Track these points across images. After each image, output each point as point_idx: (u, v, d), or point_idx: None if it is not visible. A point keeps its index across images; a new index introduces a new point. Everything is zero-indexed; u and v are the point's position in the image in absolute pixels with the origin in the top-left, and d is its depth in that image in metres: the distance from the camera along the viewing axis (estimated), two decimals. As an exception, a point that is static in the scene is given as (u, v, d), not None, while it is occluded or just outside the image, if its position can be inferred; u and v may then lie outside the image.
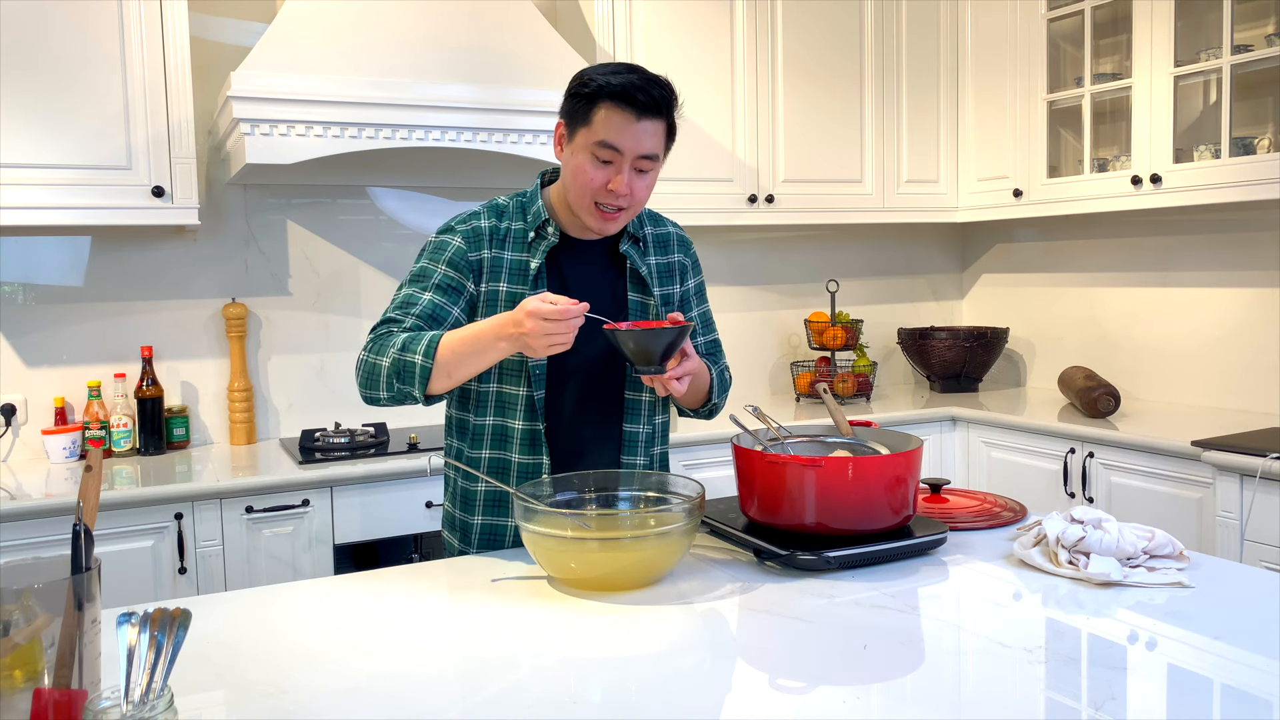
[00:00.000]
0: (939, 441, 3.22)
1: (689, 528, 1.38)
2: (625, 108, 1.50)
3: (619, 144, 1.51)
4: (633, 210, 1.59)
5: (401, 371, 1.47)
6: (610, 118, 1.51)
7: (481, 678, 1.11)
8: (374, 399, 1.54)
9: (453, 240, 1.61)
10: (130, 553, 2.26)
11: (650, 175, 1.57)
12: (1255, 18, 2.86)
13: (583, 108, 1.53)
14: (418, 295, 1.57)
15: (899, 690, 1.04)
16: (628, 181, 1.53)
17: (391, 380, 1.48)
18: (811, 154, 3.30)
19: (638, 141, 1.52)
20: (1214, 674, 1.07)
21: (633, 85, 1.50)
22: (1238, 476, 2.37)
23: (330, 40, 2.45)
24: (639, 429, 1.69)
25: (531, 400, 1.61)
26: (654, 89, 1.51)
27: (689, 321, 1.49)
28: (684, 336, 1.47)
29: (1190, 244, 3.14)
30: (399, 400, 1.51)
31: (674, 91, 1.56)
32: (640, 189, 1.57)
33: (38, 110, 2.35)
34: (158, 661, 0.84)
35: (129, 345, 2.77)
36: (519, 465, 1.63)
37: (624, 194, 1.54)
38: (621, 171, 1.53)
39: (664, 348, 1.45)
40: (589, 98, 1.52)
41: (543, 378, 1.60)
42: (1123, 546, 1.39)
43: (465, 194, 3.15)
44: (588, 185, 1.54)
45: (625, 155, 1.52)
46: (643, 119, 1.51)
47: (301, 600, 1.38)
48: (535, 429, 1.61)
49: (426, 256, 1.61)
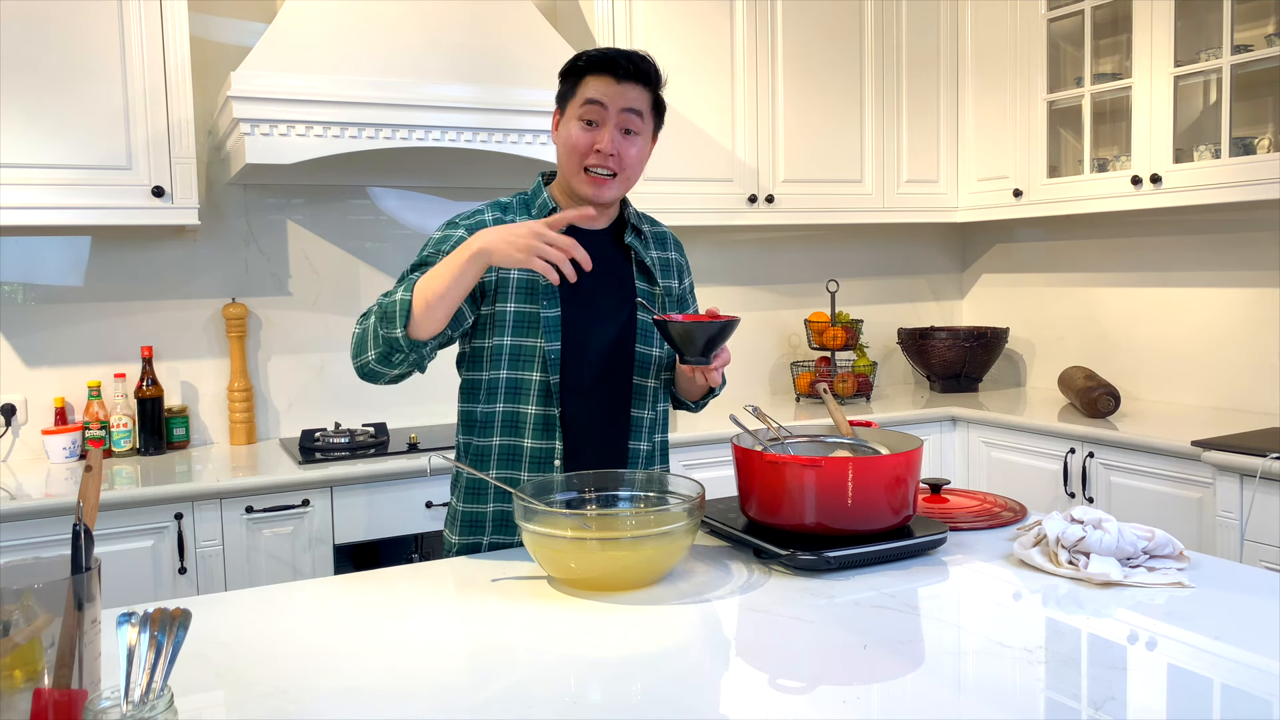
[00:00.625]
0: (939, 441, 3.22)
1: (689, 528, 1.38)
2: (606, 74, 1.60)
3: (601, 98, 1.59)
4: (624, 178, 1.64)
5: (384, 317, 1.48)
6: (593, 83, 1.61)
7: (482, 677, 1.11)
8: (364, 365, 1.54)
9: (456, 233, 1.63)
10: (130, 553, 2.26)
11: (638, 142, 1.64)
12: (1255, 18, 2.86)
13: (571, 83, 1.64)
14: (413, 278, 1.57)
15: (899, 690, 1.04)
16: (613, 140, 1.60)
17: (378, 333, 1.49)
18: (811, 154, 3.30)
19: (619, 97, 1.60)
20: (1214, 674, 1.07)
21: (614, 53, 1.61)
22: (1238, 476, 2.37)
23: (330, 40, 2.45)
24: (645, 414, 1.73)
25: (547, 385, 1.63)
26: (635, 58, 1.61)
27: (736, 317, 1.56)
28: (731, 330, 1.55)
29: (1190, 244, 3.14)
30: (386, 356, 1.50)
31: (656, 65, 1.65)
32: (628, 153, 1.62)
33: (38, 110, 2.35)
34: (158, 661, 0.84)
35: (129, 345, 2.77)
36: (531, 450, 1.64)
37: (610, 152, 1.59)
38: (606, 129, 1.60)
39: (714, 339, 1.54)
40: (577, 72, 1.62)
41: (557, 363, 1.62)
42: (1123, 546, 1.39)
43: (465, 194, 3.15)
44: (575, 148, 1.61)
45: (609, 109, 1.59)
46: (624, 82, 1.60)
47: (301, 600, 1.38)
48: (550, 414, 1.64)
49: (430, 246, 1.63)
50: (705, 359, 1.55)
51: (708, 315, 1.58)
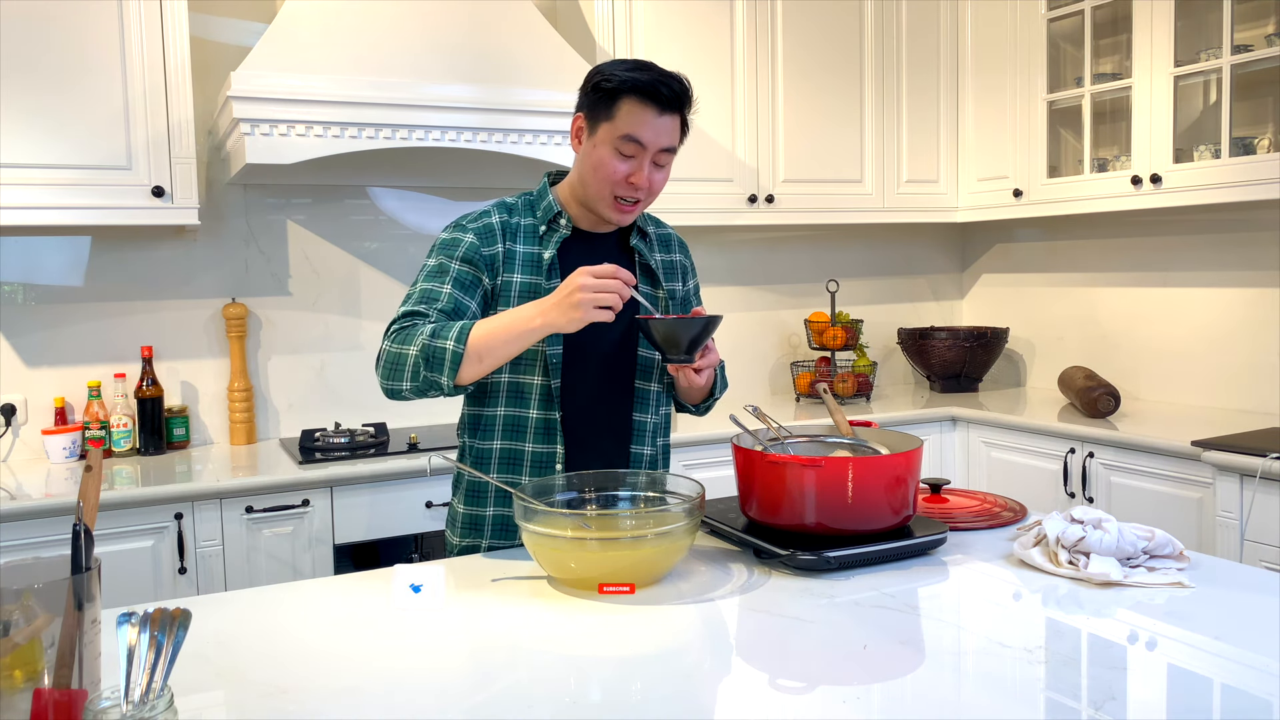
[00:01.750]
0: (939, 441, 3.22)
1: (689, 528, 1.38)
2: (649, 103, 1.55)
3: (642, 137, 1.56)
4: (647, 202, 1.65)
5: (431, 358, 1.46)
6: (634, 112, 1.55)
7: (482, 677, 1.11)
8: (396, 390, 1.52)
9: (465, 237, 1.62)
10: (130, 553, 2.26)
11: (666, 169, 1.63)
12: (1255, 18, 2.86)
13: (605, 101, 1.57)
14: (438, 290, 1.57)
15: (899, 690, 1.04)
16: (647, 175, 1.59)
17: (419, 368, 1.47)
18: (811, 154, 3.30)
19: (659, 135, 1.57)
20: (1214, 674, 1.07)
21: (656, 81, 1.56)
22: (1238, 476, 2.37)
23: (330, 40, 2.45)
24: (648, 418, 1.72)
25: (549, 389, 1.62)
26: (675, 84, 1.58)
27: (718, 315, 1.55)
28: (714, 327, 1.53)
29: (1190, 244, 3.14)
30: (422, 391, 1.50)
31: (690, 87, 1.61)
32: (657, 182, 1.62)
33: (38, 110, 2.35)
34: (158, 661, 0.84)
35: (129, 345, 2.77)
36: (533, 454, 1.64)
37: (644, 187, 1.59)
38: (643, 165, 1.58)
39: (697, 338, 1.52)
40: (612, 93, 1.56)
41: (559, 366, 1.62)
42: (1123, 546, 1.39)
43: (465, 194, 3.15)
44: (609, 178, 1.58)
45: (648, 149, 1.57)
46: (664, 114, 1.57)
47: (301, 600, 1.38)
48: (551, 418, 1.63)
49: (440, 253, 1.62)
50: (689, 358, 1.54)
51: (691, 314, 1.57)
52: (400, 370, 1.50)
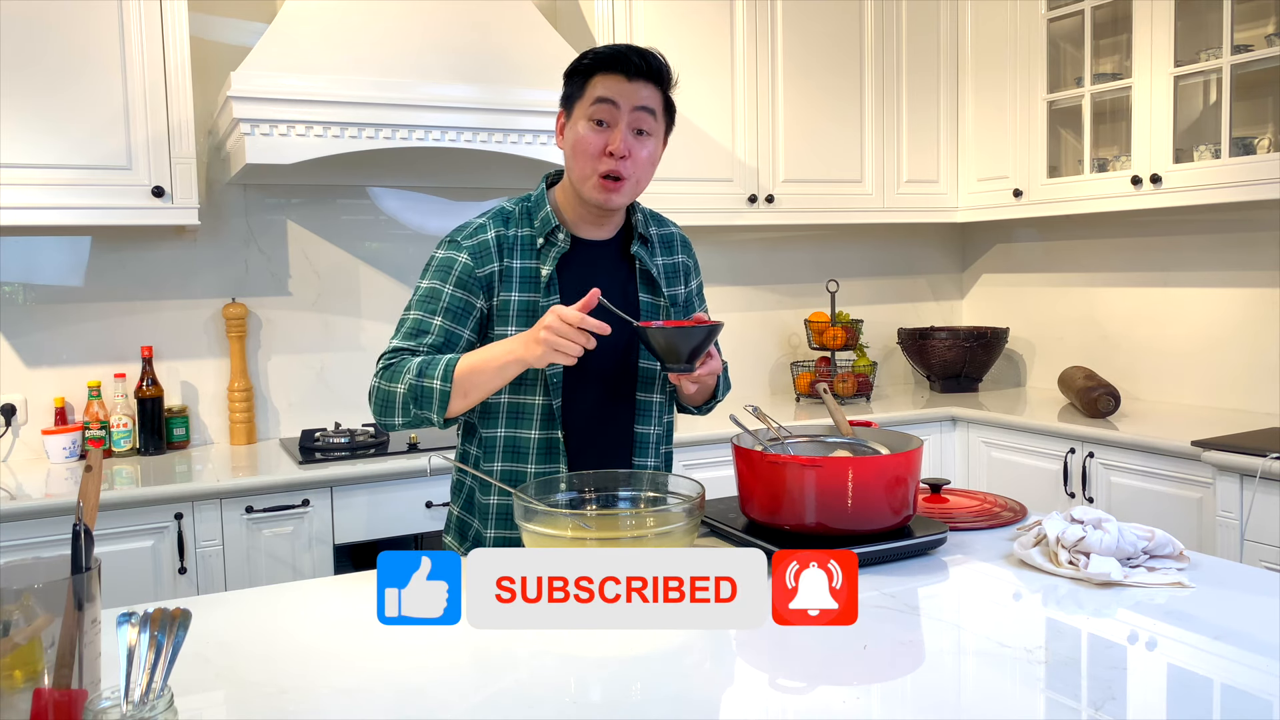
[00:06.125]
0: (939, 441, 3.22)
1: (689, 528, 1.38)
2: (618, 70, 1.54)
3: (613, 95, 1.53)
4: (634, 181, 1.58)
5: (419, 397, 1.48)
6: (603, 80, 1.55)
7: (482, 677, 1.11)
8: (389, 425, 1.54)
9: (459, 257, 1.57)
10: (130, 553, 2.26)
11: (650, 143, 1.58)
12: (1255, 18, 2.86)
13: (578, 83, 1.57)
14: (428, 321, 1.55)
15: (899, 690, 1.04)
16: (625, 141, 1.53)
17: (408, 406, 1.49)
18: (811, 154, 3.30)
19: (630, 96, 1.54)
20: (1214, 674, 1.07)
21: (624, 50, 1.55)
22: (1238, 476, 2.37)
23: (330, 40, 2.45)
24: (650, 430, 1.69)
25: (549, 409, 1.59)
26: (647, 55, 1.56)
27: (719, 322, 1.51)
28: (714, 336, 1.50)
29: (1190, 244, 3.14)
30: (415, 425, 1.53)
31: (667, 62, 1.58)
32: (640, 154, 1.56)
33: (38, 110, 2.34)
34: (158, 661, 0.84)
35: (129, 345, 2.76)
36: (536, 475, 1.60)
37: (623, 154, 1.53)
38: (618, 130, 1.53)
39: (697, 347, 1.49)
40: (584, 71, 1.57)
41: (559, 386, 1.58)
42: (1123, 546, 1.39)
43: (465, 194, 3.15)
44: (587, 151, 1.54)
45: (621, 109, 1.53)
46: (635, 80, 1.54)
47: (302, 600, 1.38)
48: (552, 438, 1.60)
49: (434, 275, 1.58)
50: (690, 367, 1.50)
51: (691, 321, 1.53)
52: (391, 407, 1.52)
